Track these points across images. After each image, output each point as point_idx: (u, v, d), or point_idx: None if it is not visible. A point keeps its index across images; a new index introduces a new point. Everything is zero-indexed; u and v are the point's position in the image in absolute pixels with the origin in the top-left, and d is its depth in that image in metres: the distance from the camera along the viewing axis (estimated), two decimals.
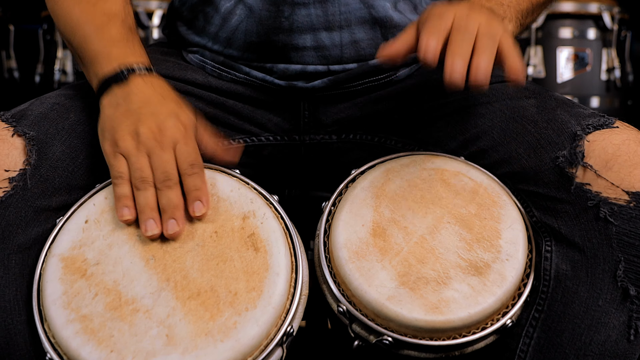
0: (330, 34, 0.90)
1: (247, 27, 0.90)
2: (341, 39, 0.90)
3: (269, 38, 0.90)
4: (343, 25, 0.90)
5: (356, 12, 0.89)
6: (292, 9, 0.88)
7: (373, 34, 0.91)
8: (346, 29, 0.90)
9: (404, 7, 0.93)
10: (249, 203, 0.75)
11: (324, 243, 0.76)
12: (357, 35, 0.90)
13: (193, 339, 0.64)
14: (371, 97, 0.95)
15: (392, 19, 0.91)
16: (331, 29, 0.89)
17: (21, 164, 0.74)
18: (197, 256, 0.71)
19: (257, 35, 0.90)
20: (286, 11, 0.88)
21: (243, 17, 0.90)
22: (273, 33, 0.90)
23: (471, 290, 0.71)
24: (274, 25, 0.89)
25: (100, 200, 0.75)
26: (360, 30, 0.90)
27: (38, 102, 0.83)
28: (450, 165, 0.83)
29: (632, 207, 0.71)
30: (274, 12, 0.89)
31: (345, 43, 0.90)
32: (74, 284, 0.68)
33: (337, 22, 0.89)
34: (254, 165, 0.97)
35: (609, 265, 0.72)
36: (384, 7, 0.90)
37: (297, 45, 0.90)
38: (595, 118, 0.78)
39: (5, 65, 2.32)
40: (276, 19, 0.89)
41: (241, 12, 0.90)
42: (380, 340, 0.70)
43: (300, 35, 0.89)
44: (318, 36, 0.90)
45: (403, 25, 0.92)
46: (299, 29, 0.89)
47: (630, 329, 0.72)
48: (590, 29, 2.19)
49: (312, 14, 0.88)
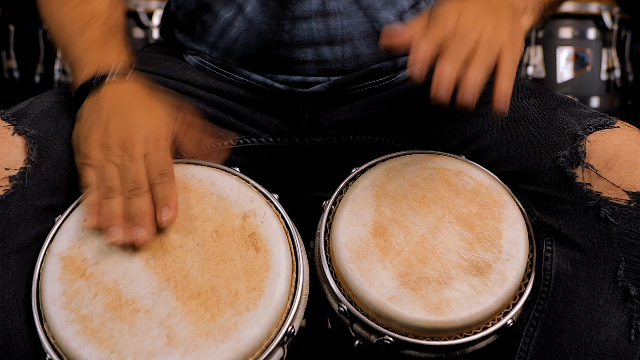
0: (332, 48, 0.88)
1: (246, 40, 0.89)
2: (343, 53, 0.89)
3: (269, 52, 0.89)
4: (345, 40, 0.88)
5: (359, 26, 0.88)
6: (292, 23, 0.87)
7: (376, 48, 0.90)
8: (348, 43, 0.89)
9: (410, 18, 0.91)
10: (249, 202, 0.75)
11: (325, 242, 0.76)
12: (360, 49, 0.89)
13: (194, 339, 0.64)
14: (371, 100, 0.94)
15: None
16: (333, 43, 0.88)
17: (21, 162, 0.74)
18: (198, 256, 0.70)
19: (257, 49, 0.89)
20: (287, 25, 0.87)
21: (242, 29, 0.89)
22: (273, 47, 0.88)
23: (472, 290, 0.70)
24: (274, 39, 0.88)
25: None
26: (362, 45, 0.89)
27: (38, 101, 0.83)
28: (451, 165, 0.82)
29: (633, 207, 0.71)
30: (274, 25, 0.87)
31: (347, 57, 0.89)
32: (73, 283, 0.68)
33: (340, 37, 0.88)
34: (254, 166, 0.96)
35: (610, 265, 0.72)
36: (388, 20, 0.89)
37: (297, 59, 0.89)
38: (596, 118, 0.78)
39: (5, 65, 2.31)
40: (276, 32, 0.87)
41: (240, 24, 0.88)
42: (381, 340, 0.70)
43: (301, 50, 0.88)
44: (319, 50, 0.88)
45: None
46: (299, 43, 0.88)
47: (630, 329, 0.72)
48: (590, 29, 2.19)
49: (314, 28, 0.87)
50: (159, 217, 0.70)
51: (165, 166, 0.72)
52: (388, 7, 0.89)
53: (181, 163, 0.79)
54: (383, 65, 0.92)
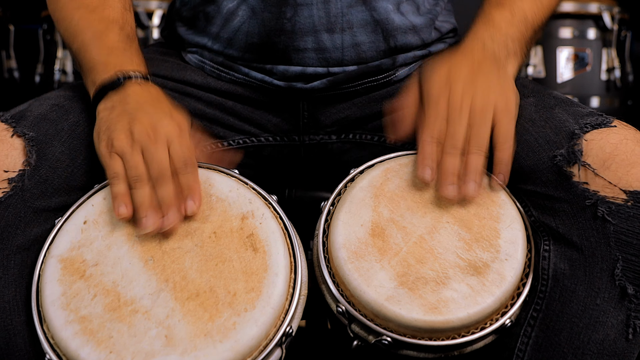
0: (331, 35, 0.90)
1: (249, 28, 0.90)
2: (342, 41, 0.90)
3: (271, 39, 0.90)
4: (345, 28, 0.90)
5: (358, 14, 0.90)
6: (294, 10, 0.88)
7: (375, 36, 0.91)
8: (348, 31, 0.90)
9: (406, 8, 0.92)
10: (247, 203, 0.75)
11: (323, 243, 0.76)
12: (359, 37, 0.90)
13: (192, 339, 0.64)
14: (370, 97, 0.95)
15: (393, 21, 0.91)
16: (333, 30, 0.89)
17: (20, 164, 0.74)
18: (196, 257, 0.71)
19: (259, 37, 0.90)
20: (288, 12, 0.88)
21: (245, 18, 0.90)
22: (275, 34, 0.90)
23: (470, 291, 0.70)
24: (276, 27, 0.89)
25: (98, 201, 0.75)
26: (362, 33, 0.90)
27: (37, 103, 0.83)
28: None
29: (630, 205, 0.71)
30: (277, 13, 0.89)
31: (346, 45, 0.90)
32: (72, 284, 0.69)
33: (339, 24, 0.89)
34: (254, 166, 0.97)
35: (607, 264, 0.72)
36: (386, 9, 0.90)
37: (298, 47, 0.90)
38: (593, 117, 0.78)
39: (5, 65, 2.32)
40: (278, 20, 0.89)
41: (244, 13, 0.90)
42: (379, 341, 0.70)
43: (301, 37, 0.89)
44: (319, 38, 0.90)
45: (405, 28, 0.92)
46: (300, 30, 0.89)
47: (628, 328, 0.72)
48: (590, 29, 2.18)
49: (315, 15, 0.88)
50: (183, 209, 0.72)
51: (188, 155, 0.73)
52: None
53: None
54: (383, 62, 0.93)
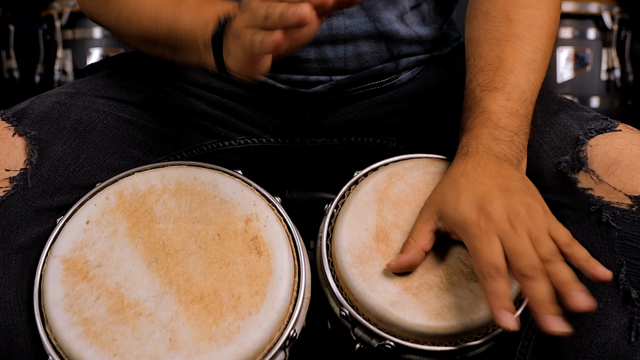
0: (334, 47, 0.89)
1: None
2: (345, 52, 0.89)
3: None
4: (348, 39, 0.89)
5: (361, 26, 0.89)
6: None
7: (378, 47, 0.91)
8: (351, 43, 0.89)
9: (411, 19, 0.92)
10: (251, 205, 0.75)
11: (327, 246, 0.76)
12: (362, 48, 0.90)
13: (196, 343, 0.64)
14: (373, 101, 0.94)
15: (397, 32, 0.90)
16: (335, 42, 0.89)
17: (22, 163, 0.74)
18: (200, 259, 0.70)
19: None
20: None
21: None
22: None
23: (473, 296, 0.70)
24: None
25: (101, 200, 0.75)
26: (365, 44, 0.90)
27: (39, 101, 0.82)
28: None
29: (635, 211, 0.71)
30: None
31: (349, 56, 0.90)
32: (75, 286, 0.68)
33: (342, 36, 0.88)
34: (255, 167, 0.96)
35: (611, 269, 0.72)
36: (390, 20, 0.89)
37: (300, 58, 0.89)
38: (598, 121, 0.78)
39: (5, 65, 2.31)
40: None
41: None
42: (382, 345, 0.70)
43: (304, 49, 0.88)
44: (322, 49, 0.89)
45: (409, 39, 0.92)
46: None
47: (631, 331, 0.72)
48: (590, 29, 2.18)
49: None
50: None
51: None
52: (389, 8, 0.90)
53: (183, 165, 0.79)
54: (385, 66, 0.93)
